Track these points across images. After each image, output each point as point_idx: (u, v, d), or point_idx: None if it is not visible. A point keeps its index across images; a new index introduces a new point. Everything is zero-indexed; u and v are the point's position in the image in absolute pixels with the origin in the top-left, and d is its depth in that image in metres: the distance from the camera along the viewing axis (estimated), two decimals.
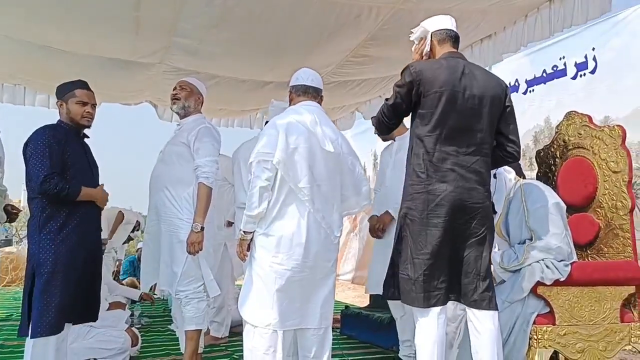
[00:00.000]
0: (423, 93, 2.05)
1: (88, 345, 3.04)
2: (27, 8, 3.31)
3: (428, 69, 2.09)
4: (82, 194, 2.42)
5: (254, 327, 2.28)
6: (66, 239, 2.38)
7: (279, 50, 3.89)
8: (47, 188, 2.33)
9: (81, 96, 2.52)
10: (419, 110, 2.09)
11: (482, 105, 2.09)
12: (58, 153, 2.38)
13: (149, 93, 5.41)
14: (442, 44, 2.21)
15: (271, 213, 2.28)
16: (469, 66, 2.16)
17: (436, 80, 2.05)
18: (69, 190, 2.38)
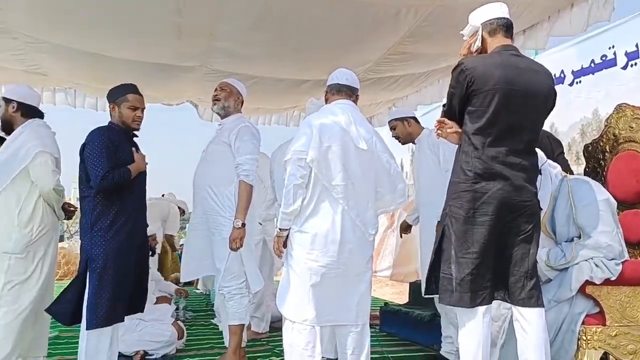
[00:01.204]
0: (475, 90, 1.99)
1: (137, 338, 3.17)
2: (79, 20, 3.48)
3: (481, 65, 2.02)
4: (132, 172, 2.54)
5: (292, 322, 2.33)
6: (116, 235, 2.49)
7: (316, 49, 3.91)
8: (106, 184, 2.46)
9: (133, 101, 2.63)
10: (469, 107, 2.03)
11: (537, 103, 2.03)
12: (113, 153, 2.51)
13: (190, 94, 5.56)
14: (494, 35, 2.11)
15: (306, 210, 2.32)
16: (523, 61, 2.09)
17: (490, 77, 1.98)
18: (123, 176, 2.49)
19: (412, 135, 3.29)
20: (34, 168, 2.61)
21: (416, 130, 3.28)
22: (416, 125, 3.30)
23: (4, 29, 3.70)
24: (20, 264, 2.59)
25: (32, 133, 2.68)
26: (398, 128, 3.31)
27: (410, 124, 3.28)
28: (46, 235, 2.69)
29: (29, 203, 2.63)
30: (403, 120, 3.30)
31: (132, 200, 2.59)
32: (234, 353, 2.90)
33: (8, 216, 2.59)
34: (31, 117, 2.78)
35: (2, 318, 2.54)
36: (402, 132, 3.30)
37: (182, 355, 3.27)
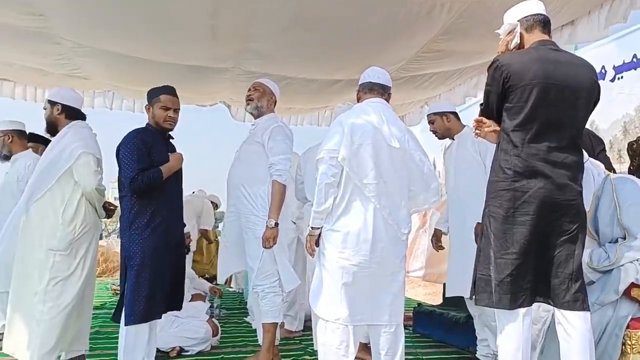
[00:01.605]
0: (512, 86, 1.95)
1: (173, 334, 3.24)
2: (118, 24, 3.59)
3: (517, 60, 1.98)
4: (164, 172, 2.59)
5: (325, 321, 2.33)
6: (152, 234, 2.56)
7: (348, 49, 3.91)
8: (136, 186, 2.53)
9: (165, 101, 2.68)
10: (507, 104, 1.99)
11: (578, 98, 1.97)
12: (145, 154, 2.57)
13: (223, 95, 5.64)
14: (531, 32, 2.07)
15: (337, 209, 2.33)
16: (562, 55, 2.03)
17: (527, 72, 1.93)
18: (153, 176, 2.55)
19: (450, 131, 3.18)
20: (78, 168, 2.70)
21: (455, 127, 3.17)
22: (456, 121, 3.19)
23: (48, 34, 3.84)
24: (64, 260, 2.68)
25: (76, 134, 2.78)
26: (436, 123, 3.21)
27: (449, 119, 3.17)
28: (88, 233, 2.78)
29: (73, 202, 2.71)
30: (442, 115, 3.19)
31: (168, 199, 2.65)
32: (267, 351, 2.93)
33: (53, 215, 2.68)
34: (74, 119, 2.87)
35: (47, 313, 2.63)
36: (440, 127, 3.20)
37: (216, 352, 3.32)
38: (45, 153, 2.84)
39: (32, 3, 3.36)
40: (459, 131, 3.15)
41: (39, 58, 4.56)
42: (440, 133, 3.23)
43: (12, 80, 5.56)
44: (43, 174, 2.73)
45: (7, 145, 3.55)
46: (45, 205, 2.69)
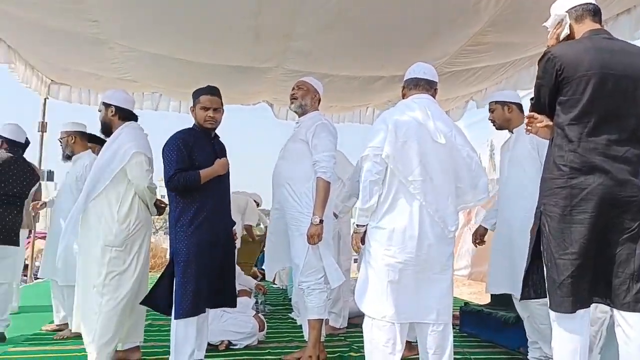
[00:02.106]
0: (566, 78, 1.87)
1: (222, 328, 3.32)
2: (167, 29, 3.73)
3: (570, 51, 1.90)
4: (202, 176, 2.63)
5: (371, 319, 2.33)
6: (196, 231, 2.62)
7: (392, 45, 3.89)
8: (172, 185, 2.63)
9: (204, 102, 2.74)
10: (560, 97, 1.91)
11: (637, 87, 1.87)
12: (185, 155, 2.63)
13: (266, 94, 5.73)
14: (581, 22, 1.98)
15: (382, 206, 2.31)
16: (617, 43, 1.94)
17: (581, 63, 1.85)
18: (189, 178, 2.60)
19: (509, 122, 3.03)
20: (131, 167, 2.81)
21: (516, 119, 3.01)
22: (518, 113, 3.03)
23: (102, 40, 4.03)
24: (119, 256, 2.80)
25: (129, 135, 2.89)
26: (497, 112, 3.06)
27: (511, 110, 3.02)
28: (141, 229, 2.89)
29: (127, 200, 2.83)
30: (504, 105, 3.02)
31: (212, 198, 2.70)
32: (313, 347, 2.96)
33: (109, 212, 2.80)
34: (127, 120, 2.99)
35: (104, 305, 2.76)
36: (500, 118, 3.05)
37: (263, 347, 3.38)
38: (101, 153, 2.96)
39: (87, 10, 3.53)
40: (518, 124, 2.96)
41: (93, 63, 4.79)
42: (499, 123, 3.08)
43: (69, 84, 5.87)
44: (99, 174, 2.85)
45: (70, 145, 3.72)
46: (102, 204, 2.82)
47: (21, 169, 3.55)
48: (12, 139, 3.59)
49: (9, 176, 3.45)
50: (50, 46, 4.55)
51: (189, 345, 2.61)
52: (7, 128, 3.61)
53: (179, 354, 2.60)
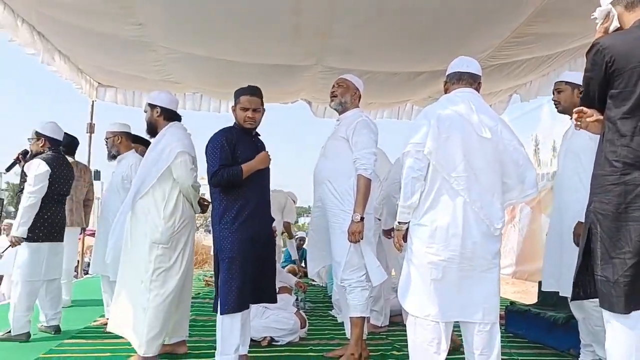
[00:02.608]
0: (617, 70, 1.78)
1: (264, 324, 3.36)
2: (209, 30, 3.81)
3: (620, 41, 1.81)
4: (245, 170, 2.66)
5: (415, 317, 2.29)
6: (240, 227, 2.66)
7: (433, 39, 3.82)
8: (216, 181, 2.67)
9: (244, 102, 2.78)
10: (611, 90, 1.83)
11: None
12: (228, 152, 2.68)
13: (305, 93, 5.74)
14: (632, 10, 1.87)
15: (424, 203, 2.27)
16: None
17: (633, 53, 1.76)
18: (233, 173, 2.64)
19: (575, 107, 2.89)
20: (176, 166, 2.88)
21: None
22: None
23: (146, 42, 4.15)
24: (166, 252, 2.87)
25: (174, 135, 2.96)
26: (565, 93, 2.86)
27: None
28: (186, 227, 2.96)
29: (172, 198, 2.90)
30: (575, 87, 2.78)
31: (255, 194, 2.74)
32: (355, 344, 2.95)
33: (155, 210, 2.88)
34: (172, 120, 3.06)
35: (152, 301, 2.84)
36: (567, 100, 2.85)
37: (305, 344, 3.39)
38: (147, 153, 3.04)
39: (133, 14, 3.64)
40: None
41: (137, 65, 4.94)
42: (563, 106, 2.88)
43: (115, 86, 6.08)
44: (146, 173, 2.93)
45: (116, 145, 3.83)
46: (148, 202, 2.89)
47: (64, 167, 3.64)
48: (54, 137, 3.63)
49: (57, 175, 3.51)
50: (98, 50, 4.72)
51: (234, 340, 2.65)
52: (47, 127, 3.63)
53: (225, 348, 2.65)
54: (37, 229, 3.42)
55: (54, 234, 3.54)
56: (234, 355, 2.65)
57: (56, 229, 3.56)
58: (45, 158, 3.48)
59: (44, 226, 3.46)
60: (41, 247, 3.46)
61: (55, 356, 3.04)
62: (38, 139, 3.59)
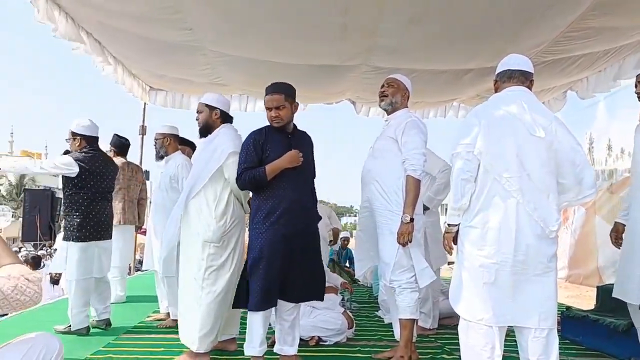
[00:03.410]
0: None
1: (312, 324, 3.38)
2: (257, 33, 3.86)
3: None
4: (268, 171, 2.67)
5: (467, 321, 2.25)
6: (271, 227, 2.69)
7: (483, 36, 3.72)
8: (241, 184, 2.76)
9: (266, 102, 2.81)
10: None
11: None
12: (253, 154, 2.72)
13: (350, 93, 5.74)
14: None
15: (475, 205, 2.22)
16: None
17: None
18: (255, 175, 2.68)
19: None
20: (227, 167, 2.92)
21: None
22: None
23: (196, 47, 4.26)
24: (217, 251, 2.92)
25: (226, 136, 3.01)
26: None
27: None
28: (237, 226, 3.00)
29: (223, 198, 2.95)
30: None
31: (289, 193, 2.71)
32: (405, 347, 2.92)
33: (207, 210, 2.94)
34: (224, 122, 3.13)
35: (204, 298, 2.90)
36: None
37: (352, 344, 3.39)
38: (200, 154, 3.11)
39: (184, 19, 3.74)
40: None
41: (186, 69, 5.09)
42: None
43: (165, 89, 6.28)
44: (198, 173, 2.99)
45: (164, 146, 3.94)
46: (201, 202, 2.96)
47: (101, 164, 3.64)
48: (88, 134, 3.62)
49: (94, 172, 3.54)
50: (150, 55, 4.89)
51: (257, 334, 2.71)
52: (81, 125, 3.62)
53: (249, 343, 2.75)
54: (84, 228, 3.50)
55: (101, 232, 3.61)
56: (259, 349, 2.72)
57: (102, 227, 3.63)
58: (77, 157, 3.49)
59: (90, 225, 3.53)
60: (90, 246, 3.54)
61: (113, 349, 3.17)
62: (74, 139, 3.60)
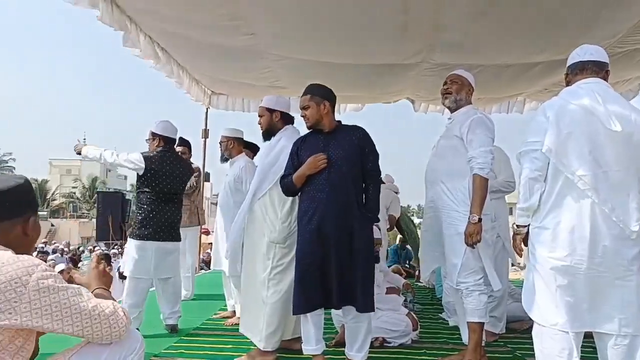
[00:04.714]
0: None
1: (376, 325, 3.33)
2: (317, 35, 3.90)
3: None
4: (294, 179, 2.73)
5: (542, 327, 2.15)
6: (303, 231, 2.72)
7: (554, 27, 3.55)
8: (281, 190, 2.84)
9: (299, 103, 2.85)
10: None
11: None
12: (290, 161, 2.82)
13: (408, 91, 5.66)
14: None
15: (545, 205, 2.13)
16: None
17: None
18: (285, 183, 2.79)
19: None
20: None
21: None
22: None
23: (257, 51, 4.36)
24: (282, 252, 2.97)
25: (289, 138, 3.06)
26: None
27: None
28: None
29: (288, 200, 2.98)
30: None
31: (320, 195, 2.67)
32: (474, 351, 2.84)
33: (272, 211, 3.00)
34: (286, 124, 3.18)
35: (270, 297, 2.96)
36: None
37: (418, 347, 3.33)
38: (264, 156, 3.17)
39: (246, 24, 3.85)
40: None
41: (247, 73, 5.22)
42: None
43: (226, 94, 6.47)
44: (263, 175, 3.06)
45: (229, 149, 4.06)
46: (266, 203, 3.02)
47: (171, 165, 3.62)
48: (165, 135, 3.68)
49: (160, 173, 3.54)
50: (212, 61, 5.06)
51: (311, 336, 2.72)
52: (160, 125, 3.68)
53: (305, 343, 2.77)
54: (143, 227, 3.50)
55: (161, 234, 3.55)
56: (315, 347, 2.74)
57: (163, 228, 3.56)
58: (146, 155, 3.55)
59: (149, 225, 3.51)
60: (146, 246, 3.51)
61: (184, 345, 3.29)
62: (153, 139, 3.69)
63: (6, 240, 1.43)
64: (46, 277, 1.35)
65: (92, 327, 1.43)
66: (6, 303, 1.28)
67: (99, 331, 1.45)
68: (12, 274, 1.30)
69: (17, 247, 1.44)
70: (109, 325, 1.46)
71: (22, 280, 1.31)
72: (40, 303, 1.32)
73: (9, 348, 1.33)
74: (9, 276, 1.30)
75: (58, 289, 1.36)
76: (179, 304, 3.75)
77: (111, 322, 1.47)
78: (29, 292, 1.31)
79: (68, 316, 1.37)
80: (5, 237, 1.43)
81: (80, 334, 1.43)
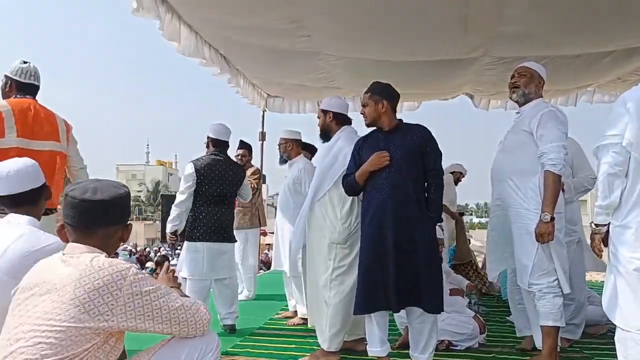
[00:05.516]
0: None
1: (441, 327, 3.24)
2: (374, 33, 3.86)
3: None
4: (357, 177, 2.72)
5: (625, 331, 2.02)
6: (364, 229, 2.70)
7: (627, 11, 3.31)
8: (344, 191, 2.83)
9: None
10: None
11: None
12: (352, 160, 2.82)
13: (468, 86, 5.49)
14: None
15: (627, 202, 1.99)
16: None
17: None
18: (347, 181, 2.78)
19: None
20: None
21: None
22: None
23: (313, 52, 4.39)
24: (343, 253, 2.96)
25: (347, 139, 3.05)
26: None
27: None
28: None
29: (348, 200, 2.97)
30: None
31: (379, 194, 2.65)
32: (548, 356, 2.70)
33: (332, 212, 2.99)
34: (343, 125, 3.17)
35: (332, 298, 2.96)
36: None
37: (486, 351, 3.21)
38: (322, 157, 3.18)
39: (302, 27, 3.88)
40: None
41: (302, 75, 5.26)
42: None
43: (281, 96, 6.56)
44: (322, 177, 3.06)
45: (287, 151, 4.10)
46: (326, 204, 3.03)
47: (219, 169, 3.64)
48: (216, 137, 3.72)
49: (208, 177, 3.57)
50: (268, 64, 5.14)
51: (375, 337, 2.70)
52: (212, 128, 3.75)
53: (370, 345, 2.75)
54: (195, 228, 3.56)
55: (211, 235, 3.57)
56: (380, 349, 2.70)
57: (213, 229, 3.58)
58: (195, 161, 3.61)
59: (199, 226, 3.56)
60: (198, 247, 3.55)
61: (249, 344, 3.36)
62: (207, 142, 3.79)
63: (106, 243, 1.52)
64: (138, 280, 1.43)
65: (180, 325, 1.51)
66: (104, 306, 1.36)
67: (185, 328, 1.53)
68: (109, 278, 1.38)
69: (110, 250, 1.54)
70: (194, 322, 1.54)
71: (118, 284, 1.38)
72: (134, 305, 1.40)
73: (104, 348, 1.41)
74: (106, 280, 1.37)
75: (149, 291, 1.44)
76: (235, 304, 3.76)
77: (196, 319, 1.55)
78: (124, 295, 1.39)
79: (159, 316, 1.45)
80: (106, 240, 1.52)
81: (169, 331, 1.51)
